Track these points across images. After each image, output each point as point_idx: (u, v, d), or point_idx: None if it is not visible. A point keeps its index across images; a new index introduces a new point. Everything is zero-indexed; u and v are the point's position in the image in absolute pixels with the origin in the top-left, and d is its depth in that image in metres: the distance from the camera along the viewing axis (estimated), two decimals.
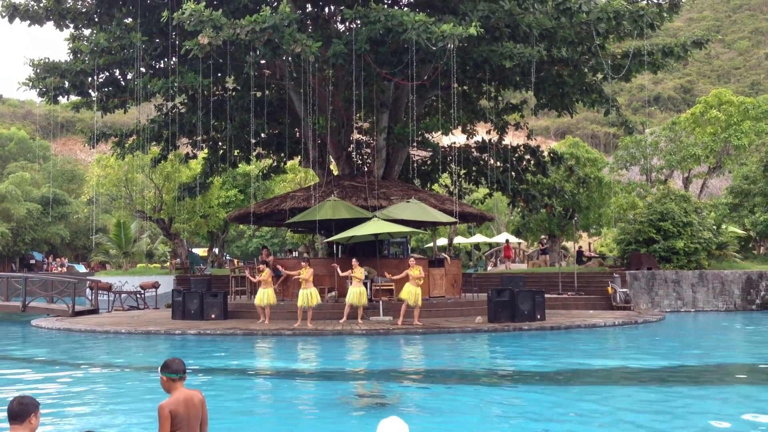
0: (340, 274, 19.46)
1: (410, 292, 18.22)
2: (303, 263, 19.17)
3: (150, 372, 12.53)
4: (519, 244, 48.68)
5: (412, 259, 19.69)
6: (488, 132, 28.30)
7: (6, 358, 14.91)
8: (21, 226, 56.16)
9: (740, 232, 36.91)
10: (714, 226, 30.02)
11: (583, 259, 33.26)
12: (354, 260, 19.17)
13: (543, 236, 37.93)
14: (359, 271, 18.79)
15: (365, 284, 19.65)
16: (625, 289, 25.50)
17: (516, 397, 9.93)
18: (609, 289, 25.50)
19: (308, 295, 18.25)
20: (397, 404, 9.21)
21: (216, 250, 46.71)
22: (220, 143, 28.08)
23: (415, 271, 18.28)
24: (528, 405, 9.29)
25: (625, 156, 38.41)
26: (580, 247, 37.98)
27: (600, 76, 24.53)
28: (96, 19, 23.52)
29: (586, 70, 24.32)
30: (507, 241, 40.20)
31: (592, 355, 14.54)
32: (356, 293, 18.65)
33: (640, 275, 26.68)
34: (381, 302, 20.02)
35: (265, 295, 19.02)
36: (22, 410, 4.40)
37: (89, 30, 24.42)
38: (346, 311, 18.86)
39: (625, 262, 28.94)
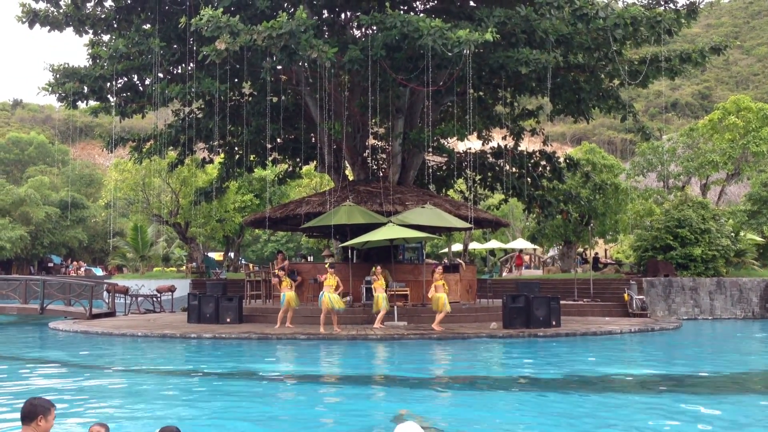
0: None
1: (436, 299, 18.37)
2: (330, 270, 19.11)
3: (165, 375, 12.62)
4: (534, 250, 48.54)
5: (440, 267, 19.76)
6: (504, 138, 28.23)
7: (24, 360, 15.05)
8: (39, 229, 56.75)
9: (759, 239, 36.52)
10: (732, 234, 29.75)
11: (599, 266, 33.08)
12: (378, 267, 19.21)
13: (585, 246, 38.09)
14: (382, 279, 18.81)
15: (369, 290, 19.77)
16: (641, 296, 25.33)
17: (532, 404, 9.89)
18: (625, 296, 25.34)
19: (332, 298, 18.28)
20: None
21: (231, 255, 46.92)
22: (236, 148, 28.22)
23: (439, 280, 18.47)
24: (543, 411, 9.25)
25: (642, 162, 38.16)
26: (596, 253, 37.79)
27: (617, 82, 24.41)
28: (115, 25, 23.76)
29: (602, 76, 24.21)
30: (521, 250, 40.30)
31: (607, 363, 14.44)
32: (379, 298, 18.67)
33: (657, 282, 26.48)
34: (396, 307, 20.02)
35: (292, 298, 19.10)
36: (30, 411, 4.48)
37: (108, 36, 24.66)
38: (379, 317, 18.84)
39: (642, 268, 28.74)
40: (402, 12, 20.74)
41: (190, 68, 23.03)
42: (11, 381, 11.84)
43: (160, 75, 23.52)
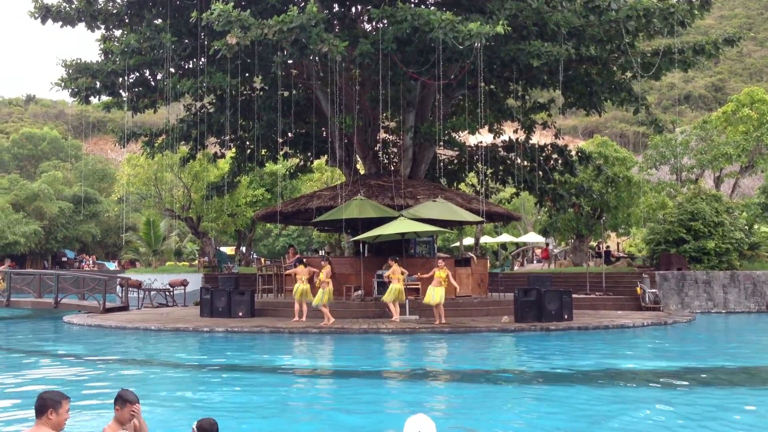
0: (391, 277, 19.36)
1: (428, 294, 18.22)
2: (323, 262, 19.20)
3: (178, 368, 12.69)
4: (547, 244, 48.42)
5: (440, 260, 19.64)
6: (515, 131, 28.14)
7: (39, 353, 15.18)
8: (53, 224, 57.14)
9: None
10: (746, 227, 29.55)
11: (611, 259, 32.94)
12: (390, 260, 19.17)
13: (598, 240, 38.18)
14: (398, 270, 18.76)
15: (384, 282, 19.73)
16: (654, 290, 25.22)
17: (545, 398, 9.88)
18: (638, 289, 25.22)
19: (326, 293, 18.32)
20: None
21: (243, 249, 47.06)
22: (247, 143, 28.29)
23: (442, 273, 18.29)
24: (556, 405, 9.23)
25: (655, 155, 37.92)
26: (608, 246, 37.64)
27: (629, 74, 24.24)
28: (126, 20, 23.84)
29: (615, 68, 24.05)
30: (547, 244, 40.53)
31: (620, 356, 14.40)
32: (395, 290, 18.62)
33: (670, 276, 26.35)
34: (407, 301, 20.01)
35: (305, 292, 19.09)
36: (41, 406, 4.54)
37: (120, 31, 24.76)
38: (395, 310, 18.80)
39: (655, 262, 28.60)
40: (413, 5, 20.70)
41: (201, 63, 23.09)
42: (27, 374, 11.96)
43: (172, 70, 23.58)
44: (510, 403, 9.46)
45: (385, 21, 19.88)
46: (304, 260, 21.27)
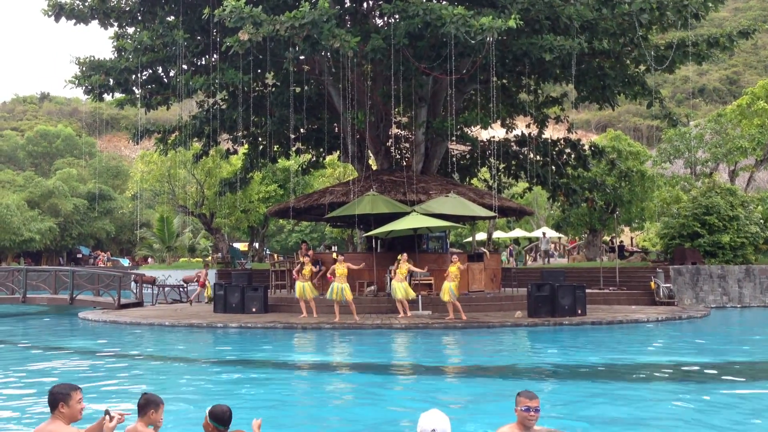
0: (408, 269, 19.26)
1: (443, 289, 18.28)
2: (339, 258, 19.26)
3: (189, 363, 12.76)
4: (559, 238, 48.32)
5: (454, 256, 19.63)
6: (528, 126, 28.02)
7: (55, 349, 15.31)
8: (68, 221, 57.61)
9: None
10: (761, 220, 29.29)
11: (625, 254, 32.77)
12: (404, 255, 19.13)
13: (612, 235, 38.18)
14: (405, 266, 18.72)
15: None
16: (668, 285, 25.06)
17: (560, 392, 9.86)
18: (652, 284, 25.08)
19: (340, 289, 18.35)
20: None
21: (256, 245, 47.25)
22: (260, 139, 28.35)
23: (452, 267, 18.31)
24: (573, 399, 9.21)
25: (669, 149, 37.68)
26: (621, 241, 37.46)
27: (643, 67, 24.07)
28: (139, 18, 23.96)
29: (628, 61, 23.88)
30: (574, 237, 41.09)
31: (634, 351, 14.34)
32: (399, 288, 18.61)
33: (684, 270, 26.18)
34: (420, 296, 20.03)
35: (305, 288, 19.15)
36: (52, 401, 4.59)
37: (133, 28, 24.88)
38: (404, 308, 18.77)
39: (669, 256, 28.43)
40: (424, 0, 20.63)
41: (213, 59, 23.16)
42: (44, 370, 12.06)
43: (185, 66, 23.67)
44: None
45: (397, 16, 19.84)
46: (312, 256, 21.31)
